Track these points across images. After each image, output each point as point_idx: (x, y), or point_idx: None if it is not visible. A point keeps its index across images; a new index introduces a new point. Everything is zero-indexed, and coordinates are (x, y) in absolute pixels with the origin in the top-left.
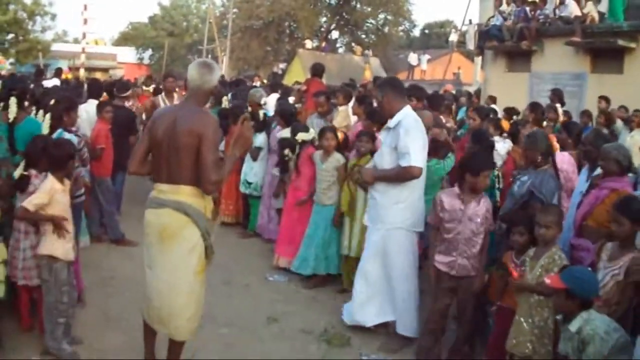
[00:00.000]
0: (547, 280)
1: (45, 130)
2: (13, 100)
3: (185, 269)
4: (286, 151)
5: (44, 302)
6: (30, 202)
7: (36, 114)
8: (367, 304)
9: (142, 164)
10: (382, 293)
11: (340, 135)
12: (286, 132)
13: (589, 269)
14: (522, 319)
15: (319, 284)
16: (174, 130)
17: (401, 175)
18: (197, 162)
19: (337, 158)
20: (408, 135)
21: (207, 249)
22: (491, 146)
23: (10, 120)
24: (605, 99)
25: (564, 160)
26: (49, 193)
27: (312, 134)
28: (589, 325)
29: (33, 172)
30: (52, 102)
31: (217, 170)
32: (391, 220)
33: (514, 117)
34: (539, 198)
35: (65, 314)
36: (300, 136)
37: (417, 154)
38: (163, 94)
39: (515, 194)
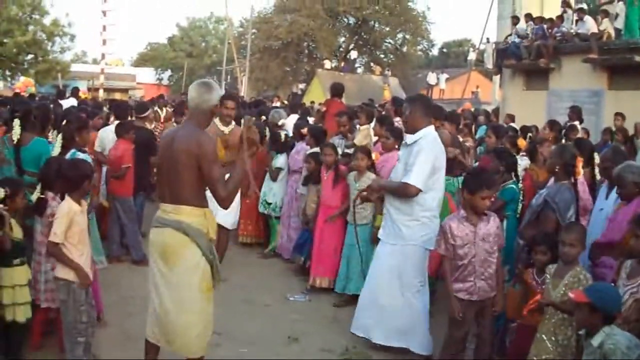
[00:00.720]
0: (572, 295)
1: (56, 151)
2: (17, 122)
3: (188, 287)
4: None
5: (63, 322)
6: (55, 235)
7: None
8: (374, 320)
9: None
10: (392, 314)
11: (375, 155)
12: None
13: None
14: (544, 337)
15: (349, 303)
16: (171, 151)
17: (398, 190)
18: (197, 181)
19: (370, 177)
20: (419, 155)
21: (212, 268)
22: (514, 163)
23: (15, 142)
24: (621, 115)
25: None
26: (68, 216)
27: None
28: (610, 340)
29: (50, 194)
30: (64, 122)
31: (225, 185)
32: (407, 237)
33: (529, 135)
34: (551, 207)
35: (85, 333)
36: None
37: (419, 174)
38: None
39: (533, 206)
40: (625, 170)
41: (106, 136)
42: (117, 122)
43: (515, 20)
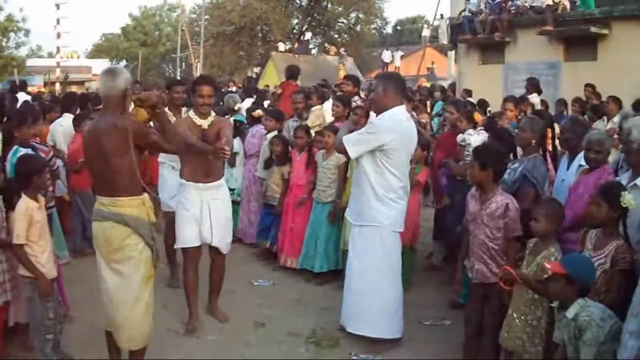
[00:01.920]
0: (548, 265)
1: None
2: None
3: (131, 278)
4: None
5: (30, 320)
6: (18, 237)
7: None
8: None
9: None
10: (361, 300)
11: None
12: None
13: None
14: (514, 314)
15: (326, 281)
16: (98, 144)
17: (337, 142)
18: (130, 169)
19: (338, 156)
20: (369, 124)
21: (153, 254)
22: (513, 142)
23: None
24: (591, 86)
25: None
26: (27, 214)
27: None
28: (585, 312)
29: None
30: (4, 119)
31: (165, 141)
32: (372, 218)
33: (489, 110)
34: (531, 182)
35: (53, 330)
36: (257, 113)
37: (354, 138)
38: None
39: (507, 182)
40: (608, 138)
41: (55, 130)
42: (64, 114)
43: None
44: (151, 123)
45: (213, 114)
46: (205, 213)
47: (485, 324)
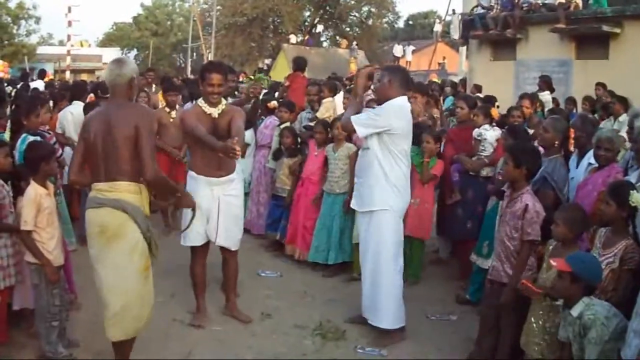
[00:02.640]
0: (554, 263)
1: (7, 136)
2: None
3: (128, 267)
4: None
5: (35, 307)
6: (25, 223)
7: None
8: (367, 300)
9: (82, 171)
10: (377, 291)
11: None
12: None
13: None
14: (532, 320)
15: (334, 273)
16: (109, 127)
17: (345, 121)
18: (134, 157)
19: (348, 147)
20: (378, 109)
21: (150, 245)
22: (528, 139)
23: None
24: (602, 85)
25: None
26: (35, 201)
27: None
28: (590, 311)
29: None
30: (13, 107)
31: (155, 167)
32: (377, 202)
33: (497, 105)
34: (550, 184)
35: (59, 317)
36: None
37: (363, 118)
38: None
39: None
40: (618, 136)
41: (65, 117)
42: (74, 102)
43: None
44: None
45: (224, 102)
46: (214, 211)
47: (502, 324)
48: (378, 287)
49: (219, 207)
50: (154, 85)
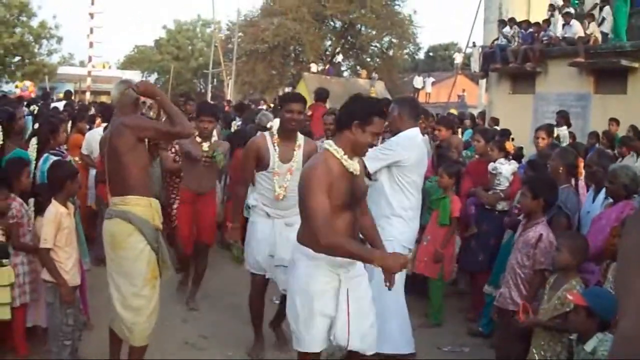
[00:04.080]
0: (570, 297)
1: (32, 155)
2: None
3: (133, 276)
4: None
5: (49, 325)
6: (45, 241)
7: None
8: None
9: None
10: (382, 318)
11: None
12: None
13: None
14: (534, 350)
15: None
16: (111, 146)
17: None
18: (140, 170)
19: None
20: (389, 142)
21: (158, 257)
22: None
23: None
24: (616, 121)
25: None
26: (56, 220)
27: None
28: (603, 347)
29: (11, 195)
30: (37, 126)
31: (170, 125)
32: (386, 234)
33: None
34: (565, 213)
35: (71, 336)
36: None
37: (372, 154)
38: None
39: None
40: (622, 170)
41: (93, 139)
42: (103, 124)
43: (502, 24)
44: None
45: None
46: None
47: (510, 350)
48: (385, 314)
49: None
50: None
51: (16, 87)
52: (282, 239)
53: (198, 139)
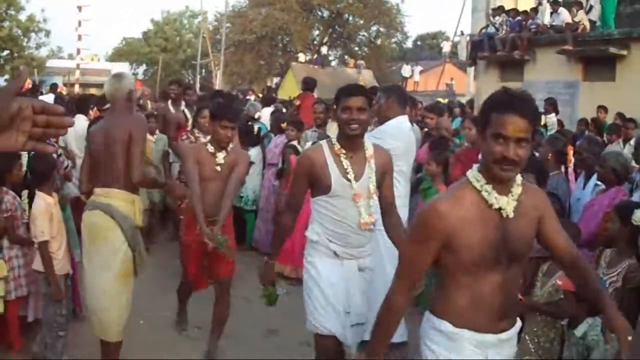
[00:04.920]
0: (559, 282)
1: None
2: None
3: (108, 270)
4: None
5: (42, 316)
6: (43, 234)
7: None
8: None
9: (91, 182)
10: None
11: None
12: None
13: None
14: (527, 337)
15: None
16: (107, 137)
17: None
18: (129, 161)
19: None
20: (376, 132)
21: (135, 255)
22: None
23: None
24: (604, 108)
25: None
26: (47, 211)
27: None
28: (593, 331)
29: (4, 189)
30: None
31: (141, 171)
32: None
33: None
34: (556, 199)
35: (65, 327)
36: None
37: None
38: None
39: None
40: (612, 156)
41: (69, 131)
42: (77, 115)
43: (495, 12)
44: None
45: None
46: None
47: None
48: (374, 303)
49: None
50: (184, 104)
51: (5, 81)
52: (357, 288)
53: (211, 149)
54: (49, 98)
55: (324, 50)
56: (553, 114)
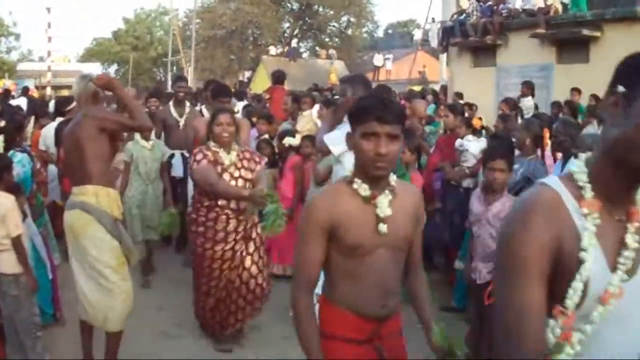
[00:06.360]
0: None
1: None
2: None
3: (99, 263)
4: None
5: (16, 320)
6: (17, 227)
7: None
8: None
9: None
10: None
11: None
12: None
13: None
14: None
15: None
16: (73, 138)
17: (319, 141)
18: (99, 161)
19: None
20: (348, 124)
21: (121, 245)
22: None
23: None
24: (577, 90)
25: None
26: (13, 208)
27: (298, 139)
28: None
29: None
30: (2, 123)
31: (127, 118)
32: None
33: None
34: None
35: (40, 326)
36: (287, 141)
37: (335, 138)
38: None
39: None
40: (589, 137)
41: (49, 134)
42: (57, 118)
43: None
44: None
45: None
46: None
47: (487, 325)
48: None
49: None
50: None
51: None
52: None
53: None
54: (20, 102)
55: (294, 42)
56: (529, 97)
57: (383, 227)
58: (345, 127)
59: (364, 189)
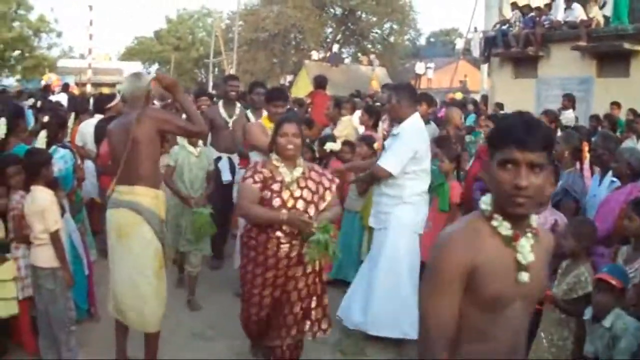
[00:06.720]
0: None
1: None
2: (2, 121)
3: (141, 265)
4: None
5: (51, 313)
6: (56, 222)
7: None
8: (373, 310)
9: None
10: (388, 302)
11: (377, 144)
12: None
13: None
14: (542, 334)
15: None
16: (127, 136)
17: (370, 172)
18: (151, 163)
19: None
20: (398, 139)
21: (163, 247)
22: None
23: None
24: (617, 104)
25: None
26: (53, 202)
27: (339, 144)
28: (621, 320)
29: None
30: (46, 119)
31: (190, 123)
32: (396, 220)
33: None
34: (572, 196)
35: (75, 321)
36: (329, 146)
37: (390, 158)
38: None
39: None
40: (627, 151)
41: (86, 130)
42: (96, 115)
43: (512, 8)
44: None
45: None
46: None
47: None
48: (395, 300)
49: None
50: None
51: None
52: None
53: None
54: (61, 98)
55: (336, 47)
56: (570, 110)
57: (525, 276)
58: (394, 144)
59: (505, 228)
